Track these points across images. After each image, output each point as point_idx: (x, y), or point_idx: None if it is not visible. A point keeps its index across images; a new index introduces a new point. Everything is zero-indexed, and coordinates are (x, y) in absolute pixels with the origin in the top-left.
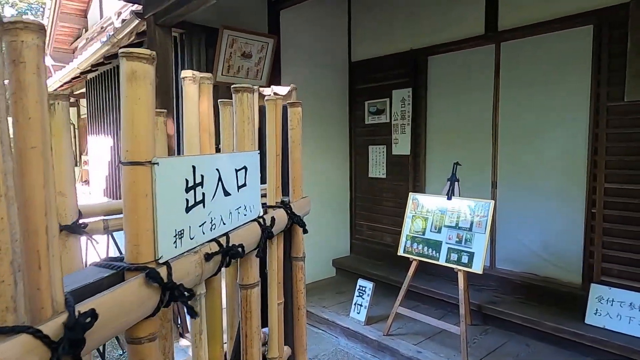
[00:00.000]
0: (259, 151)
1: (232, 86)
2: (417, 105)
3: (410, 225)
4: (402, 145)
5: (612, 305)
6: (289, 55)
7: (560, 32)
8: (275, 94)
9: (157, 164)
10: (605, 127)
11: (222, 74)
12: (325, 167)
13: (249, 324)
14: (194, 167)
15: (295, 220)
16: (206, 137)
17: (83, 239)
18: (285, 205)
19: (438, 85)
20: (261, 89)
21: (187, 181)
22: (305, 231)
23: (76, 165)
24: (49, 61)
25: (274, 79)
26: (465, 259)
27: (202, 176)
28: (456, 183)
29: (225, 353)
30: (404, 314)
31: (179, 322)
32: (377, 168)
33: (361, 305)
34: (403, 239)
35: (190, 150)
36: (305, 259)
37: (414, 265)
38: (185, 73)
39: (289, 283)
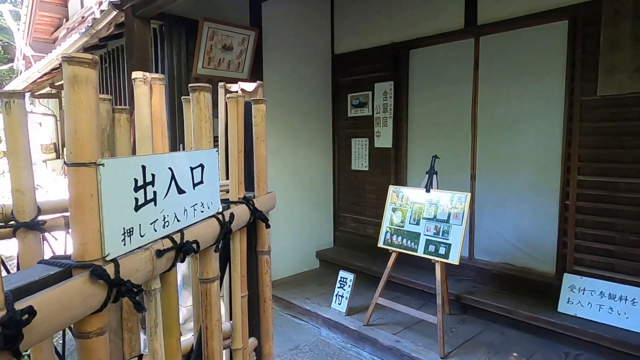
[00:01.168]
0: (217, 149)
1: (189, 85)
2: (399, 98)
3: (390, 218)
4: (384, 138)
5: (583, 294)
6: (271, 48)
7: (536, 27)
8: (242, 90)
9: (103, 165)
10: (578, 121)
11: (202, 67)
12: (309, 159)
13: (209, 317)
14: (144, 167)
15: (257, 216)
16: (159, 136)
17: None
18: (247, 201)
19: (419, 79)
20: (228, 84)
21: (136, 181)
22: (267, 226)
23: (58, 157)
24: (28, 51)
25: (256, 71)
26: (442, 251)
27: (153, 175)
28: (435, 176)
29: (192, 345)
30: (383, 304)
31: None
32: (359, 161)
33: (342, 297)
34: (383, 230)
35: (142, 150)
36: (290, 251)
37: (393, 256)
38: (136, 74)
39: (255, 276)
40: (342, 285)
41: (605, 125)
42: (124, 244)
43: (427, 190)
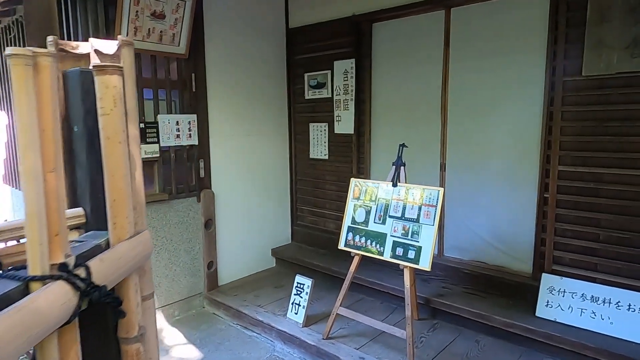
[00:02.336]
0: None
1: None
2: (361, 78)
3: (352, 215)
4: (345, 123)
5: (563, 296)
6: (215, 19)
7: None
8: (97, 51)
9: None
10: (560, 105)
11: (127, 38)
12: (262, 147)
13: None
14: None
15: (94, 298)
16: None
17: None
18: (68, 274)
19: (384, 56)
20: (63, 41)
21: None
22: (119, 314)
23: None
24: None
25: (196, 46)
26: (411, 254)
27: None
28: (402, 167)
29: None
30: (345, 315)
31: None
32: (318, 148)
33: (299, 305)
34: (344, 230)
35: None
36: (243, 249)
37: (355, 260)
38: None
39: None
40: (298, 292)
41: (590, 110)
42: None
43: (394, 185)
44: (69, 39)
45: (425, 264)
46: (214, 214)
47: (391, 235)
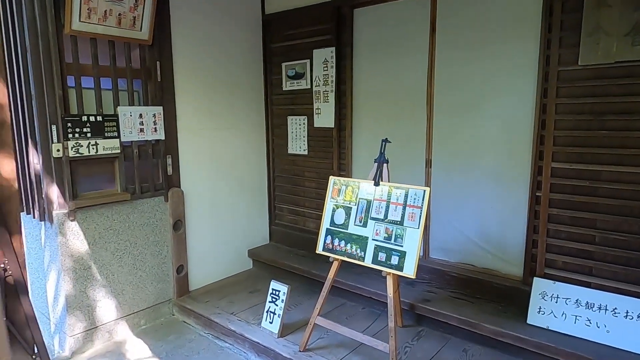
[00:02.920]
0: None
1: None
2: (342, 68)
3: (330, 217)
4: (325, 117)
5: (556, 302)
6: (182, 3)
7: None
8: None
9: None
10: (554, 97)
11: (80, 21)
12: (237, 142)
13: None
14: None
15: None
16: None
17: None
18: None
19: (366, 45)
20: None
21: None
22: None
23: None
24: None
25: (162, 32)
26: (394, 260)
27: None
28: (385, 165)
29: None
30: (323, 325)
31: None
32: (297, 143)
33: (274, 313)
34: (322, 233)
35: None
36: (216, 251)
37: (335, 266)
38: None
39: None
40: (274, 300)
41: (586, 102)
42: None
43: (376, 183)
44: (11, 19)
45: (409, 271)
46: (183, 214)
47: (373, 239)
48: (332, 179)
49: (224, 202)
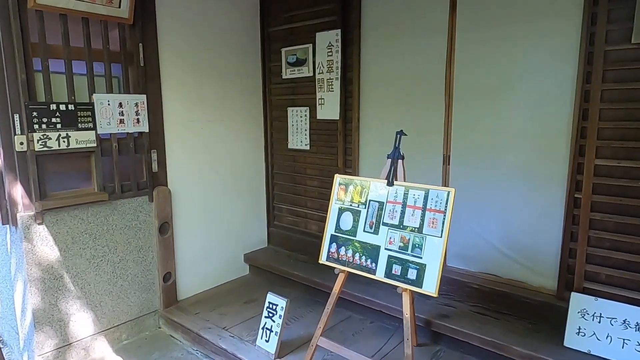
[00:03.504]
0: None
1: None
2: (348, 52)
3: (335, 221)
4: (329, 107)
5: (599, 322)
6: None
7: None
8: None
9: None
10: (600, 82)
11: None
12: (232, 135)
13: None
14: None
15: None
16: None
17: None
18: None
19: (375, 26)
20: None
21: None
22: None
23: None
24: None
25: (145, 11)
26: (412, 274)
27: None
28: (400, 161)
29: None
30: (327, 347)
31: None
32: (298, 137)
33: (271, 331)
34: (326, 240)
35: None
36: (208, 256)
37: (340, 278)
38: None
39: None
40: (270, 315)
41: (639, 88)
42: None
43: (390, 183)
44: None
45: (430, 288)
46: (170, 215)
47: (386, 249)
48: (337, 177)
49: (217, 202)
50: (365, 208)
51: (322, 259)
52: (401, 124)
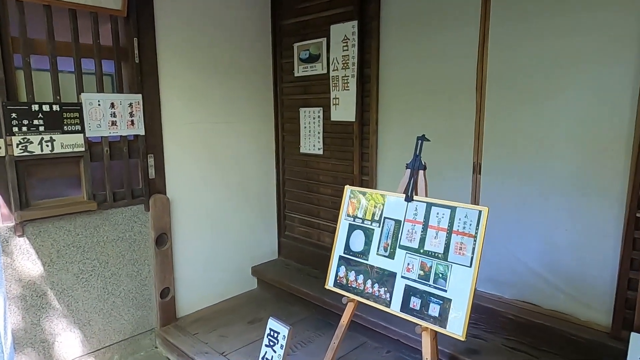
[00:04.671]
0: None
1: None
2: (366, 47)
3: (345, 240)
4: (344, 108)
5: None
6: None
7: None
8: None
9: None
10: None
11: None
12: (239, 138)
13: None
14: None
15: None
16: None
17: None
18: None
19: (396, 17)
20: None
21: None
22: None
23: None
24: None
25: (142, 2)
26: (434, 310)
27: None
28: (422, 172)
29: None
30: None
31: None
32: (311, 140)
33: None
34: (334, 261)
35: None
36: (211, 269)
37: (350, 308)
38: None
39: None
40: (271, 343)
41: None
42: None
43: (409, 198)
44: None
45: (457, 329)
46: (169, 226)
47: (403, 277)
48: (347, 189)
49: (222, 210)
50: (379, 226)
51: (329, 284)
52: (425, 126)
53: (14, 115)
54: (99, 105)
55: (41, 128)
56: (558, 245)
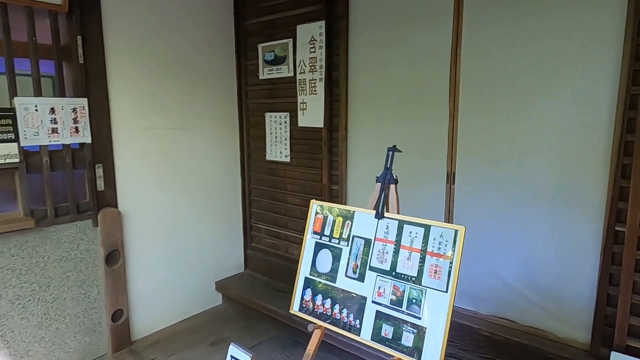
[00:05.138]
0: None
1: None
2: (334, 49)
3: (311, 260)
4: (312, 114)
5: None
6: None
7: None
8: None
9: None
10: None
11: None
12: (202, 144)
13: None
14: None
15: None
16: None
17: None
18: None
19: (366, 17)
20: None
21: None
22: None
23: None
24: None
25: None
26: (407, 339)
27: None
28: (393, 187)
29: None
30: None
31: None
32: (277, 147)
33: None
34: (299, 284)
35: None
36: (171, 287)
37: (316, 335)
38: None
39: None
40: None
41: None
42: None
43: (379, 215)
44: None
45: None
46: (121, 242)
47: (374, 302)
48: (313, 204)
49: (183, 223)
50: (347, 245)
51: (294, 308)
52: (397, 132)
53: None
54: (37, 110)
55: None
56: (535, 259)
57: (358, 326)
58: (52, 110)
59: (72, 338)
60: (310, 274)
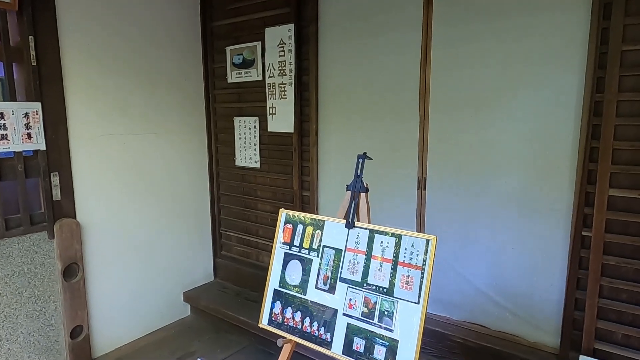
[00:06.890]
0: None
1: None
2: (304, 52)
3: (281, 271)
4: (282, 118)
5: None
6: None
7: None
8: None
9: None
10: (615, 92)
11: None
12: (170, 151)
13: None
14: None
15: None
16: None
17: None
18: None
19: (336, 20)
20: None
21: None
22: None
23: None
24: None
25: None
26: (380, 352)
27: None
28: (364, 195)
29: None
30: None
31: None
32: (247, 152)
33: None
34: (268, 296)
35: None
36: (135, 299)
37: (286, 350)
38: None
39: None
40: None
41: None
42: None
43: (349, 224)
44: None
45: None
46: (80, 254)
47: (345, 314)
48: (282, 213)
49: (148, 232)
50: (318, 256)
51: (263, 322)
52: (369, 137)
53: None
54: None
55: None
56: (505, 265)
57: (329, 340)
58: (2, 115)
59: (26, 358)
60: (279, 286)
